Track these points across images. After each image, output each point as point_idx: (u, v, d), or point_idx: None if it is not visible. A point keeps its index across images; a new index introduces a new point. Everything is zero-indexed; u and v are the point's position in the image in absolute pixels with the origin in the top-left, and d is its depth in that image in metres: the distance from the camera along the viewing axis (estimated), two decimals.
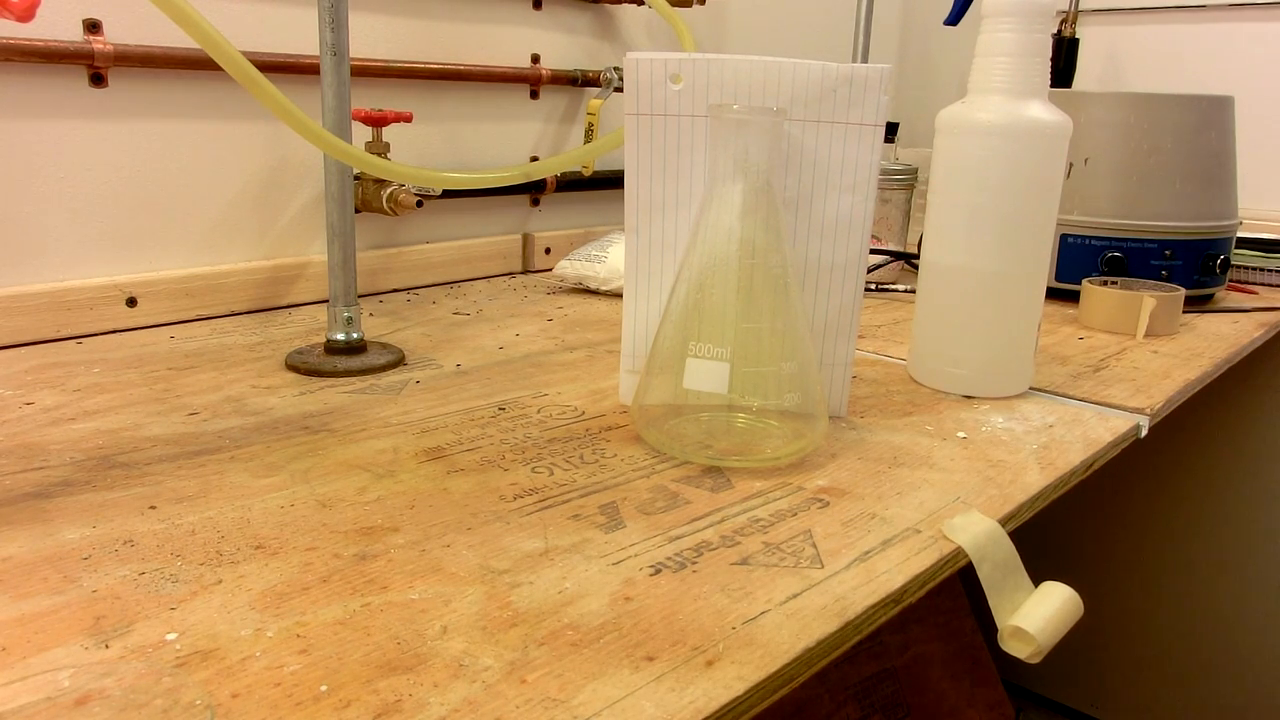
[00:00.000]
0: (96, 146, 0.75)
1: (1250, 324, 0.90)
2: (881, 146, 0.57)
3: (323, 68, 0.65)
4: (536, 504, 0.47)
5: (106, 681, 0.32)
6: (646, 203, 0.58)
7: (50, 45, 0.70)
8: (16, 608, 0.36)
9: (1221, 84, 1.34)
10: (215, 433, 0.55)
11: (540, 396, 0.63)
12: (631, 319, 0.60)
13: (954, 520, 0.46)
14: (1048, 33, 0.62)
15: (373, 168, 0.62)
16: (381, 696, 0.32)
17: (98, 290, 0.75)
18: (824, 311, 0.60)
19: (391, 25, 0.92)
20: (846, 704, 1.13)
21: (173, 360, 0.69)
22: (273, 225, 0.87)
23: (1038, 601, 0.45)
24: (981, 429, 0.60)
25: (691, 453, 0.53)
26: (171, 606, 0.37)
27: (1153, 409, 0.64)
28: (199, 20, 0.51)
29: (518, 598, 0.38)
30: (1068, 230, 0.95)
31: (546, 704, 0.32)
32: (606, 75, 1.08)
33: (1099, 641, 1.44)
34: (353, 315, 0.70)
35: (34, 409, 0.58)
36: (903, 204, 1.11)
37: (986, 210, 0.63)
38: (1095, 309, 0.86)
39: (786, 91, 0.56)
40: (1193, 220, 0.93)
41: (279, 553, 0.41)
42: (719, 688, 0.33)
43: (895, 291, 0.98)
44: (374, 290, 0.93)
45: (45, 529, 0.43)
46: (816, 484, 0.51)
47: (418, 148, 0.97)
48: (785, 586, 0.40)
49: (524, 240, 1.08)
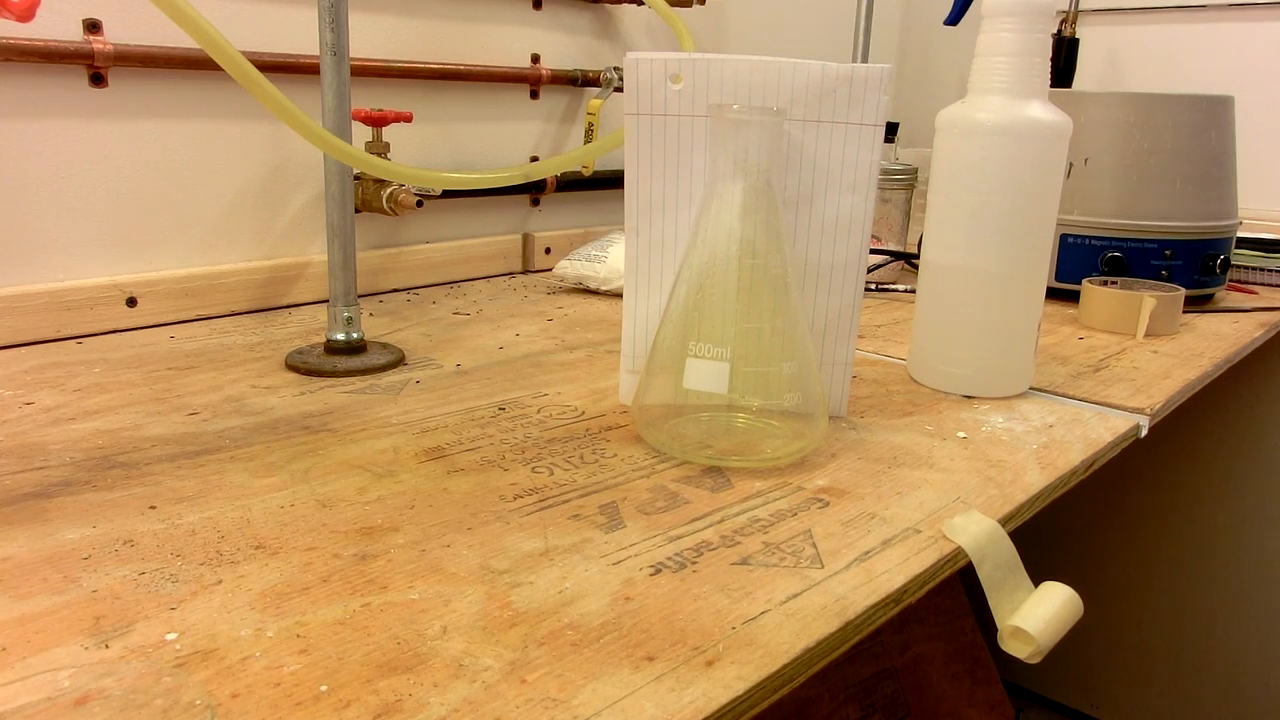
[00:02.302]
0: (96, 146, 0.75)
1: (1250, 324, 0.90)
2: (881, 146, 0.57)
3: (323, 68, 0.65)
4: (536, 504, 0.47)
5: (106, 681, 0.32)
6: (646, 203, 0.58)
7: (50, 45, 0.70)
8: (16, 608, 0.36)
9: (1221, 84, 1.34)
10: (215, 433, 0.55)
11: (540, 396, 0.63)
12: (631, 319, 0.60)
13: (954, 520, 0.46)
14: (1048, 33, 0.62)
15: (373, 168, 0.62)
16: (381, 696, 0.32)
17: (98, 290, 0.75)
18: (824, 311, 0.60)
19: (391, 25, 0.92)
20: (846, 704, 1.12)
21: (173, 360, 0.69)
22: (273, 225, 0.87)
23: (1038, 601, 0.45)
24: (981, 429, 0.60)
25: (691, 453, 0.53)
26: (171, 606, 0.37)
27: (1153, 409, 0.64)
28: (199, 20, 0.51)
29: (518, 598, 0.38)
30: (1068, 230, 0.95)
31: (546, 704, 0.32)
32: (606, 75, 1.08)
33: (1099, 641, 1.44)
34: (353, 315, 0.70)
35: (34, 409, 0.58)
36: (903, 204, 1.11)
37: (986, 210, 0.63)
38: (1095, 309, 0.87)
39: (786, 91, 0.56)
40: (1193, 220, 0.93)
41: (279, 553, 0.41)
42: (719, 688, 0.33)
43: (895, 291, 0.98)
44: (374, 290, 0.93)
45: (45, 529, 0.43)
46: (816, 484, 0.51)
47: (418, 148, 0.97)
48: (785, 586, 0.40)
49: (524, 240, 1.08)
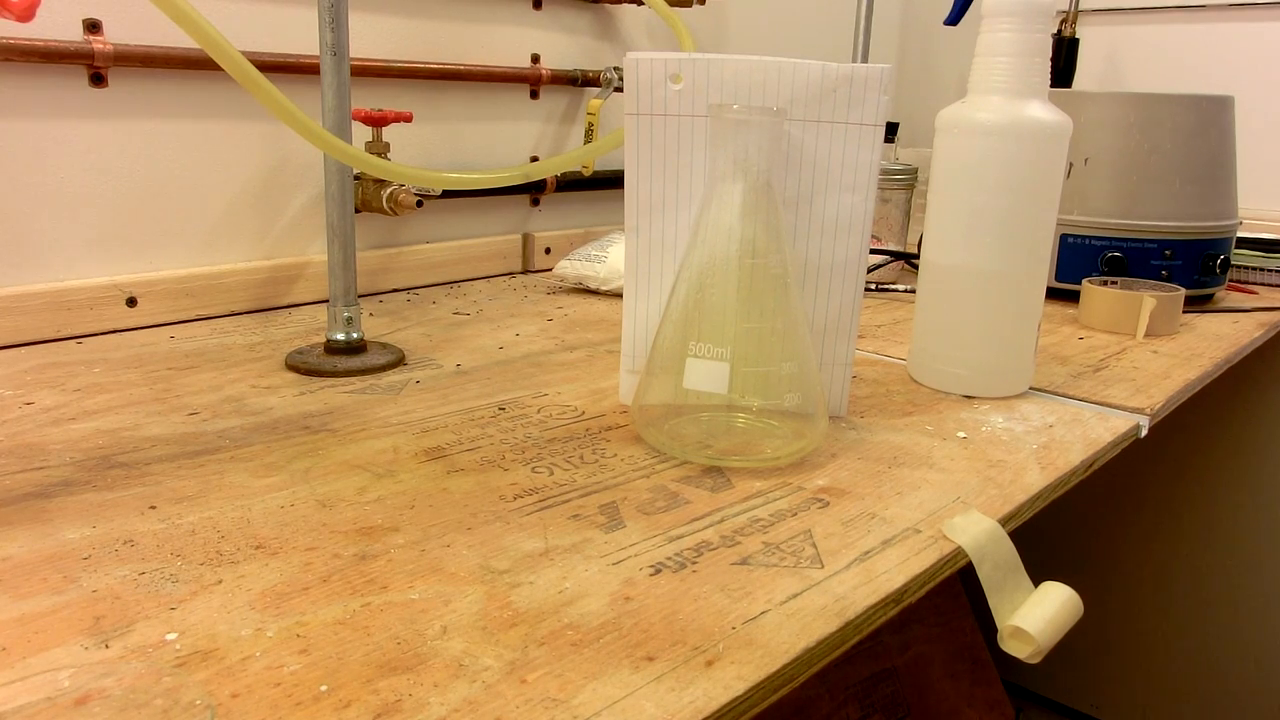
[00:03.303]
0: (96, 146, 0.75)
1: (1250, 324, 0.90)
2: (881, 146, 0.57)
3: (323, 68, 0.65)
4: (536, 504, 0.47)
5: (106, 681, 0.32)
6: (646, 203, 0.58)
7: (50, 45, 0.70)
8: (16, 608, 0.36)
9: (1221, 84, 1.34)
10: (215, 433, 0.55)
11: (540, 396, 0.63)
12: (631, 319, 0.60)
13: (954, 520, 0.46)
14: (1047, 33, 0.62)
15: (373, 168, 0.62)
16: (381, 696, 0.32)
17: (98, 290, 0.75)
18: (824, 311, 0.60)
19: (391, 25, 0.92)
20: (846, 704, 1.13)
21: (173, 360, 0.69)
22: (273, 225, 0.87)
23: (1037, 601, 0.45)
24: (981, 429, 0.60)
25: (691, 453, 0.53)
26: (171, 606, 0.37)
27: (1153, 409, 0.64)
28: (199, 20, 0.51)
29: (518, 598, 0.38)
30: (1068, 230, 0.95)
31: (546, 704, 0.32)
32: (606, 75, 1.08)
33: (1099, 641, 1.44)
34: (353, 315, 0.70)
35: (34, 409, 0.58)
36: (903, 204, 1.11)
37: (986, 210, 0.63)
38: (1095, 309, 0.86)
39: (786, 91, 0.56)
40: (1193, 220, 0.93)
41: (279, 553, 0.41)
42: (719, 688, 0.33)
43: (895, 291, 0.98)
44: (374, 290, 0.93)
45: (45, 529, 0.43)
46: (816, 484, 0.51)
47: (418, 148, 0.97)
48: (785, 586, 0.40)
49: (524, 240, 1.08)
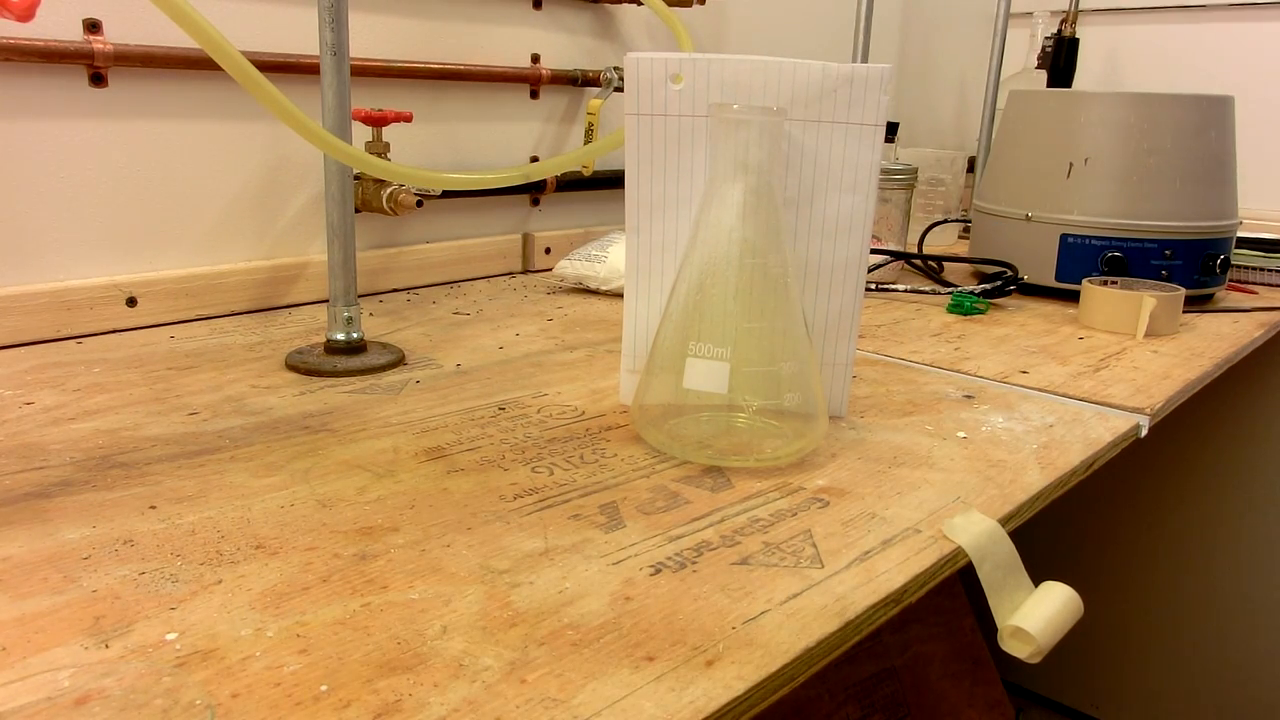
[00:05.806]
0: (96, 146, 0.75)
1: (1250, 324, 0.90)
2: (881, 146, 0.57)
3: (323, 68, 0.65)
4: (536, 504, 0.47)
5: (106, 681, 0.32)
6: (646, 203, 0.58)
7: (50, 45, 0.70)
8: (16, 608, 0.36)
9: (1221, 84, 1.34)
10: (215, 433, 0.55)
11: (540, 396, 0.63)
12: (632, 319, 0.60)
13: (954, 520, 0.46)
14: None
15: (373, 168, 0.62)
16: (381, 696, 0.32)
17: (98, 290, 0.75)
18: (824, 311, 0.60)
19: (391, 25, 0.92)
20: (846, 704, 1.12)
21: (173, 360, 0.69)
22: (273, 225, 0.87)
23: (1038, 601, 0.45)
24: (981, 429, 0.60)
25: (691, 453, 0.53)
26: (171, 606, 0.37)
27: (1153, 409, 0.64)
28: (199, 20, 0.51)
29: (518, 598, 0.38)
30: (1068, 230, 0.95)
31: (546, 704, 0.32)
32: (606, 75, 1.08)
33: (1099, 641, 1.44)
34: (353, 315, 0.70)
35: (34, 409, 0.58)
36: (903, 204, 1.11)
37: None
38: (1095, 309, 0.86)
39: (786, 91, 0.56)
40: (1193, 220, 0.93)
41: (279, 552, 0.41)
42: (719, 687, 0.33)
43: (895, 291, 0.98)
44: (374, 290, 0.93)
45: (45, 529, 0.43)
46: (816, 484, 0.51)
47: (418, 148, 0.97)
48: (785, 586, 0.40)
49: (524, 240, 1.08)
